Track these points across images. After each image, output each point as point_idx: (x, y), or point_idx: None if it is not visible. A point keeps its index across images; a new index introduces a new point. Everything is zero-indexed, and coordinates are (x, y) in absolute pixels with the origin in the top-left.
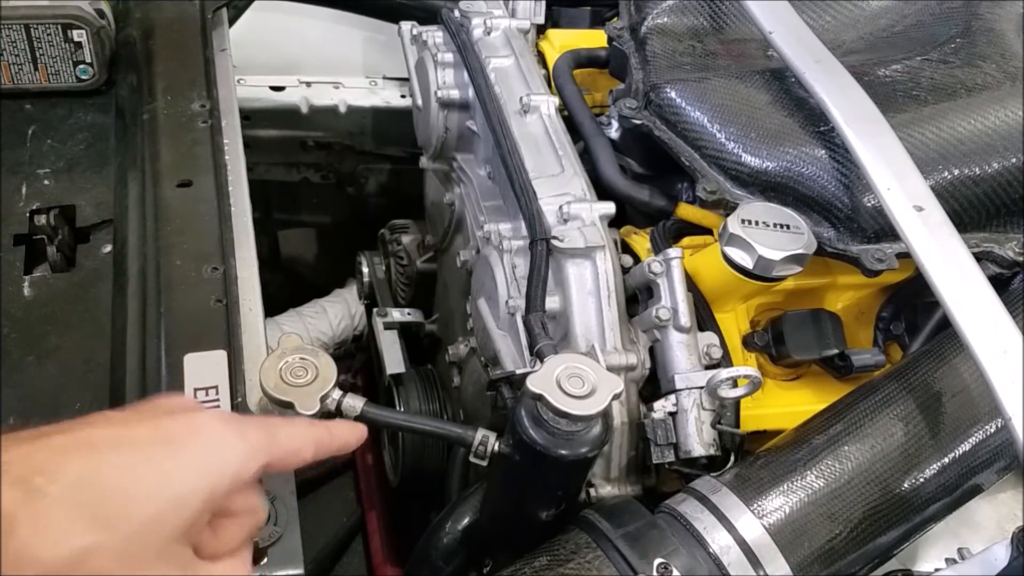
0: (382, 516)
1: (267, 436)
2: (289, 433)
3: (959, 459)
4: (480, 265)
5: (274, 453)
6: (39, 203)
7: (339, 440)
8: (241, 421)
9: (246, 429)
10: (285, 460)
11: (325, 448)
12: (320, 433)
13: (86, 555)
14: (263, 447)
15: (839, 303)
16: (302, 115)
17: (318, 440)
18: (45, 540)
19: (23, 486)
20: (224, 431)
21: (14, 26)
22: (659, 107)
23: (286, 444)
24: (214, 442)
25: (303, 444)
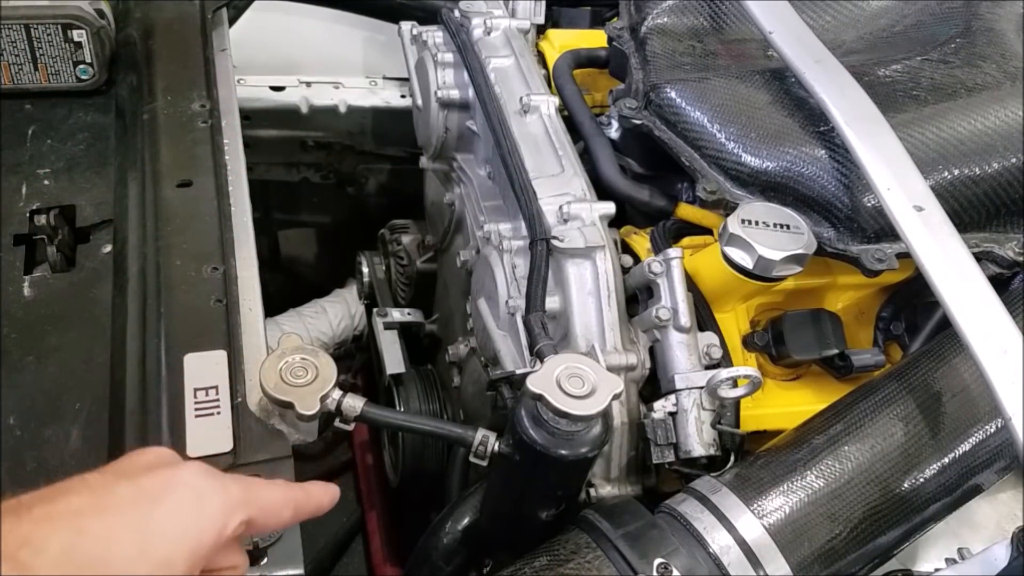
0: (382, 516)
1: (247, 491)
2: (269, 491)
3: (959, 459)
4: (480, 265)
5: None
6: (39, 203)
7: (315, 501)
8: (221, 476)
9: (227, 484)
10: (266, 519)
11: (303, 509)
12: (298, 494)
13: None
14: (244, 502)
15: (839, 303)
16: (302, 115)
17: (297, 501)
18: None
19: (11, 561)
20: (204, 486)
21: (14, 26)
22: (659, 107)
23: (266, 502)
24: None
25: (283, 503)
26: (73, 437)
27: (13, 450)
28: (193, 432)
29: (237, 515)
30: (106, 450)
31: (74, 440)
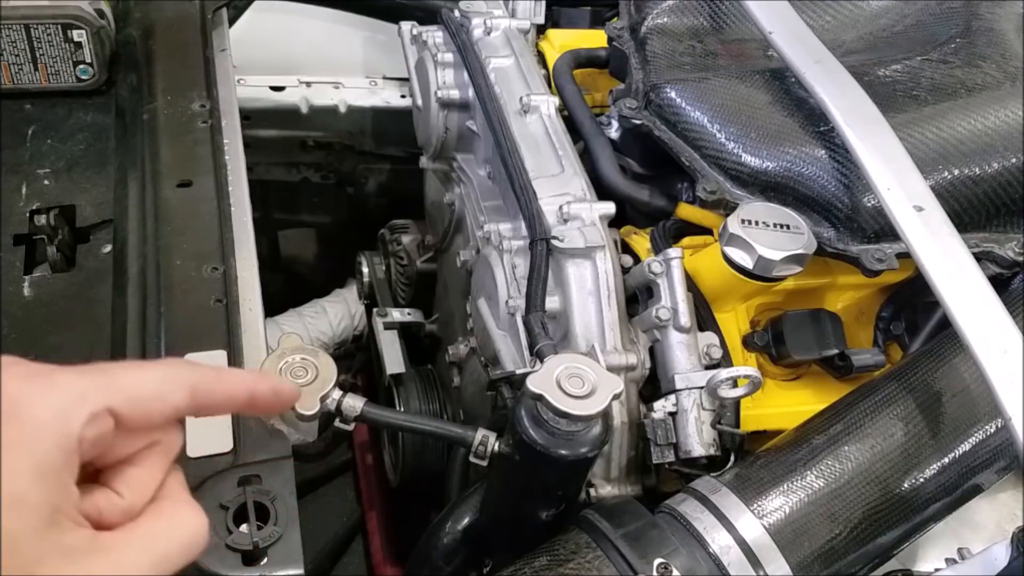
0: (382, 516)
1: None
2: (137, 374)
3: (959, 459)
4: (480, 265)
5: (114, 396)
6: (39, 203)
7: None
8: (51, 371)
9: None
10: (139, 405)
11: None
12: (199, 375)
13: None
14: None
15: (839, 303)
16: (302, 115)
17: (194, 382)
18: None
19: None
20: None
21: (14, 26)
22: (659, 107)
23: (132, 385)
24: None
25: (163, 383)
26: None
27: None
28: (193, 432)
29: (82, 408)
30: None
31: None
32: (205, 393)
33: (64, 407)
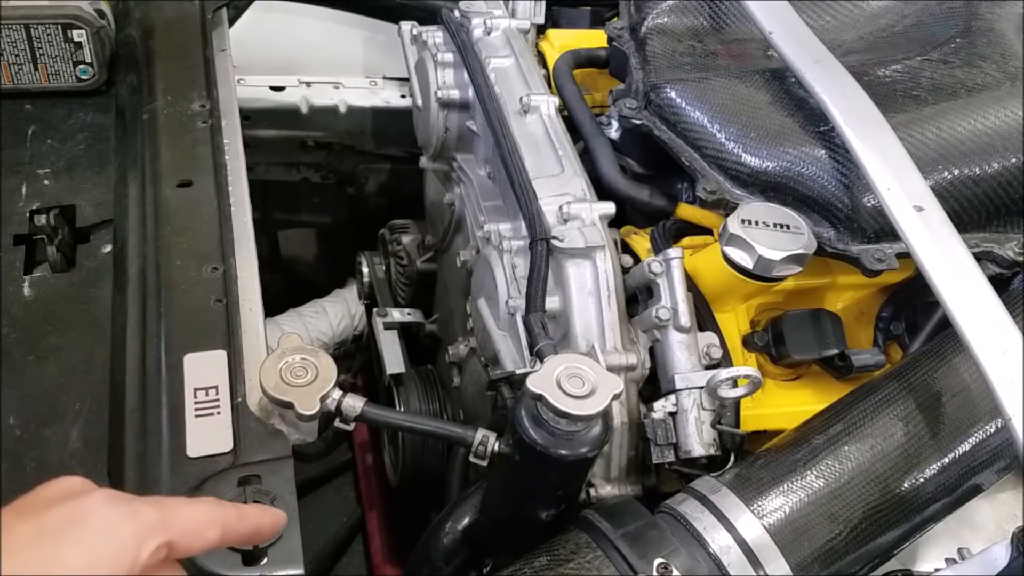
0: (382, 516)
1: (163, 513)
2: (188, 512)
3: (959, 459)
4: (480, 265)
5: (172, 532)
6: (39, 203)
7: (250, 522)
8: (131, 500)
9: (138, 509)
10: (188, 540)
11: (233, 531)
12: (228, 514)
13: None
14: (160, 525)
15: (839, 303)
16: (302, 115)
17: (225, 521)
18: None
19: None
20: (110, 514)
21: (14, 26)
22: (659, 107)
23: (187, 522)
24: (102, 529)
25: (208, 523)
26: (73, 437)
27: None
28: (193, 432)
29: (152, 540)
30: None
31: (74, 440)
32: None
33: (141, 537)
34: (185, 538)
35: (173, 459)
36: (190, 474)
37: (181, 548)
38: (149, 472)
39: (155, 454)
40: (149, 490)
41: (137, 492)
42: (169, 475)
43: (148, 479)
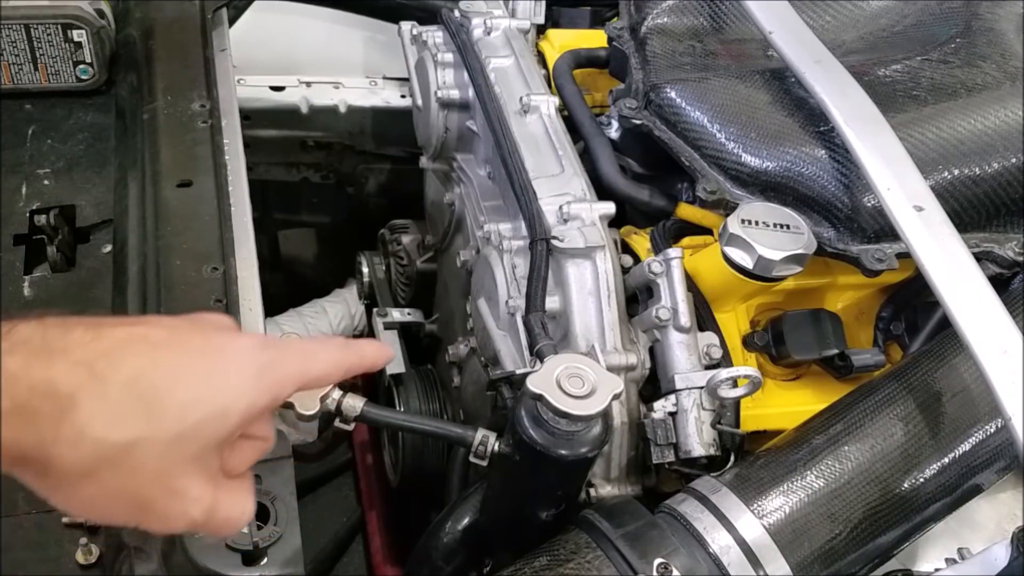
0: (382, 516)
1: (303, 364)
2: (323, 358)
3: (959, 459)
4: (480, 265)
5: (310, 377)
6: (39, 203)
7: (368, 361)
8: (279, 347)
9: (284, 355)
10: (320, 384)
11: (355, 370)
12: (350, 358)
13: (135, 445)
14: (299, 375)
15: (839, 303)
16: (302, 115)
17: (348, 365)
18: (104, 423)
19: (86, 369)
20: (264, 355)
21: (14, 26)
22: (659, 107)
23: (320, 369)
24: (256, 364)
25: (334, 370)
26: None
27: None
28: None
29: (290, 385)
30: None
31: None
32: (350, 373)
33: (283, 382)
34: (316, 383)
35: None
36: None
37: (310, 387)
38: None
39: None
40: None
41: None
42: None
43: None
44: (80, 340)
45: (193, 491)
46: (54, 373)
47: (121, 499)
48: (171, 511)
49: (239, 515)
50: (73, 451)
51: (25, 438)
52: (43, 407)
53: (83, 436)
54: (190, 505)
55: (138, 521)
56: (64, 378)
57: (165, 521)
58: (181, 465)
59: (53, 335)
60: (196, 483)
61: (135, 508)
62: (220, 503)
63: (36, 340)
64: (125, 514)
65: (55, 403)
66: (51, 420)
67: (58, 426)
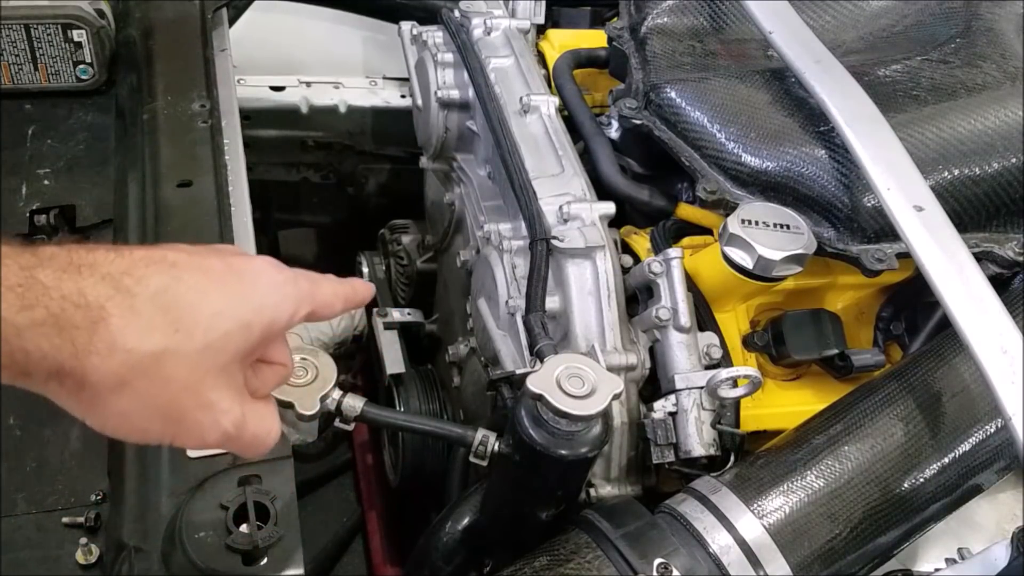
0: (382, 516)
1: (312, 287)
2: (326, 287)
3: (959, 459)
4: (480, 265)
5: (316, 303)
6: (39, 203)
7: (360, 294)
8: (292, 271)
9: (297, 278)
10: (322, 311)
11: (351, 302)
12: (347, 289)
13: (165, 356)
14: (309, 296)
15: (839, 303)
16: (302, 115)
17: (347, 296)
18: (135, 333)
19: (113, 283)
20: (279, 276)
21: (14, 26)
22: (659, 107)
23: (325, 296)
24: (274, 284)
25: (335, 297)
26: (73, 437)
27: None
28: None
29: (305, 307)
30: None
31: (74, 440)
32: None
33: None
34: (322, 308)
35: (173, 459)
36: (190, 474)
37: (317, 316)
38: (149, 472)
39: (155, 454)
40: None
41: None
42: (169, 475)
43: (148, 479)
44: (104, 258)
45: (223, 403)
46: (84, 285)
47: (155, 411)
48: (204, 422)
49: (267, 432)
50: (106, 361)
51: (61, 349)
52: (76, 317)
53: (115, 346)
54: (221, 416)
55: (173, 435)
56: (93, 290)
57: (199, 433)
58: (210, 377)
59: (78, 253)
60: (225, 395)
61: (169, 421)
62: (248, 418)
63: (63, 256)
64: (159, 428)
65: (87, 314)
66: (84, 331)
67: (91, 336)
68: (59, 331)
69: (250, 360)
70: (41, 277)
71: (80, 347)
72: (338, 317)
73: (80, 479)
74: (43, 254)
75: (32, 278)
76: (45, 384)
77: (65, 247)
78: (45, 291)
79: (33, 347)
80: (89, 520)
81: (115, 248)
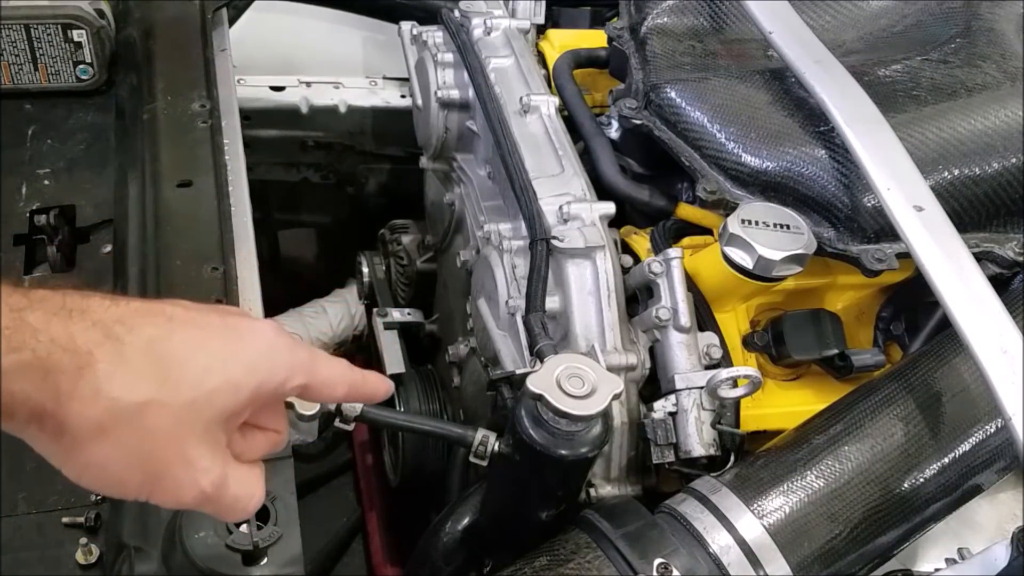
0: (382, 516)
1: (312, 360)
2: (330, 365)
3: (959, 459)
4: (480, 265)
5: (315, 378)
6: (39, 203)
7: (371, 388)
8: (292, 338)
9: (296, 346)
10: (321, 389)
11: (356, 391)
12: (356, 377)
13: (150, 407)
14: (308, 367)
15: (839, 303)
16: (302, 115)
17: (353, 382)
18: (120, 382)
19: (104, 330)
20: (279, 341)
21: (14, 26)
22: (659, 107)
23: (326, 374)
24: (270, 346)
25: (339, 380)
26: None
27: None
28: None
29: (299, 375)
30: None
31: None
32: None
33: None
34: (320, 386)
35: None
36: None
37: (314, 393)
38: None
39: None
40: None
41: None
42: None
43: None
44: (99, 305)
45: (203, 461)
46: (74, 330)
47: (133, 463)
48: (183, 479)
49: (248, 496)
50: (89, 408)
51: (44, 392)
52: (63, 361)
53: (99, 393)
54: (200, 475)
55: (149, 490)
56: (83, 336)
57: (176, 490)
58: (193, 433)
59: (72, 298)
60: (207, 453)
61: (147, 474)
62: (230, 480)
63: (56, 300)
64: (137, 481)
65: (74, 359)
66: (69, 375)
67: (76, 381)
68: (44, 374)
69: (237, 421)
70: (30, 320)
71: (63, 391)
72: (338, 317)
73: None
74: (34, 296)
75: (21, 320)
76: (26, 427)
77: (59, 291)
78: (33, 334)
79: (17, 388)
80: (89, 520)
81: (111, 296)
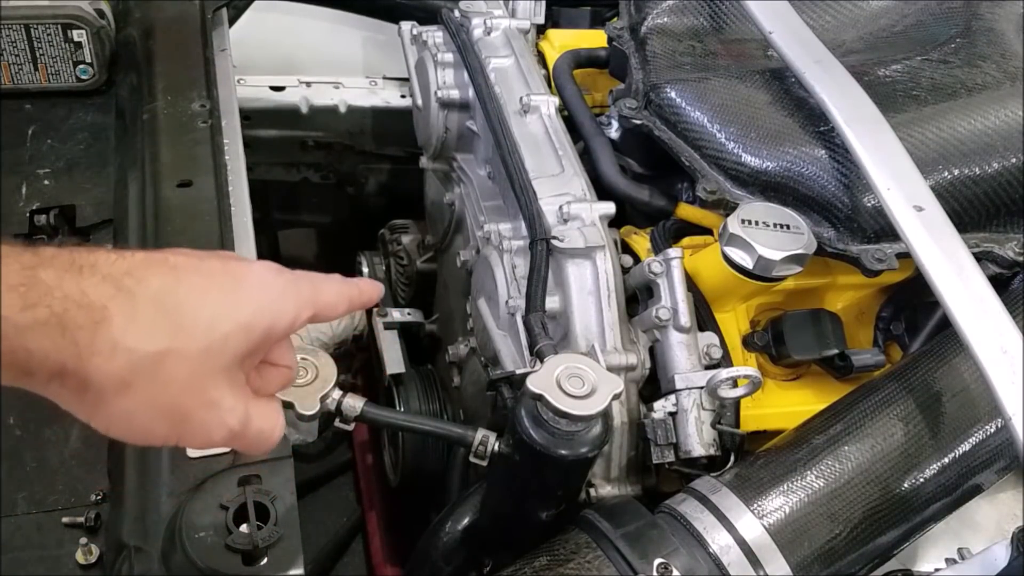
0: (382, 516)
1: (314, 290)
2: (329, 288)
3: (959, 459)
4: (480, 265)
5: (318, 306)
6: (39, 203)
7: (366, 295)
8: (293, 275)
9: (297, 280)
10: (326, 314)
11: (356, 303)
12: (352, 291)
13: (166, 357)
14: (312, 299)
15: (839, 303)
16: (302, 115)
17: (350, 297)
18: (137, 334)
19: (115, 284)
20: (280, 279)
21: (14, 26)
22: (659, 107)
23: (327, 299)
24: (275, 287)
25: (340, 300)
26: (73, 437)
27: (13, 450)
28: None
29: (306, 309)
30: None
31: (74, 440)
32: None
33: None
34: (325, 310)
35: (173, 459)
36: (190, 474)
37: (320, 319)
38: (149, 472)
39: (155, 454)
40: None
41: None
42: (169, 475)
43: (148, 479)
44: (106, 259)
45: (227, 401)
46: (86, 285)
47: (159, 412)
48: (209, 421)
49: (271, 428)
50: (109, 362)
51: (64, 349)
52: (79, 317)
53: (117, 347)
54: (226, 414)
55: (178, 435)
56: (95, 290)
57: (205, 432)
58: (212, 377)
59: (80, 253)
60: (228, 394)
61: (173, 421)
62: (253, 415)
63: (64, 256)
64: (165, 428)
65: (90, 314)
66: (87, 331)
67: (93, 336)
68: (62, 331)
69: (253, 362)
70: (43, 276)
71: (83, 347)
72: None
73: (80, 479)
74: (45, 254)
75: (34, 277)
76: (47, 385)
77: (66, 248)
78: (48, 291)
79: (35, 347)
80: (89, 520)
81: (115, 250)
